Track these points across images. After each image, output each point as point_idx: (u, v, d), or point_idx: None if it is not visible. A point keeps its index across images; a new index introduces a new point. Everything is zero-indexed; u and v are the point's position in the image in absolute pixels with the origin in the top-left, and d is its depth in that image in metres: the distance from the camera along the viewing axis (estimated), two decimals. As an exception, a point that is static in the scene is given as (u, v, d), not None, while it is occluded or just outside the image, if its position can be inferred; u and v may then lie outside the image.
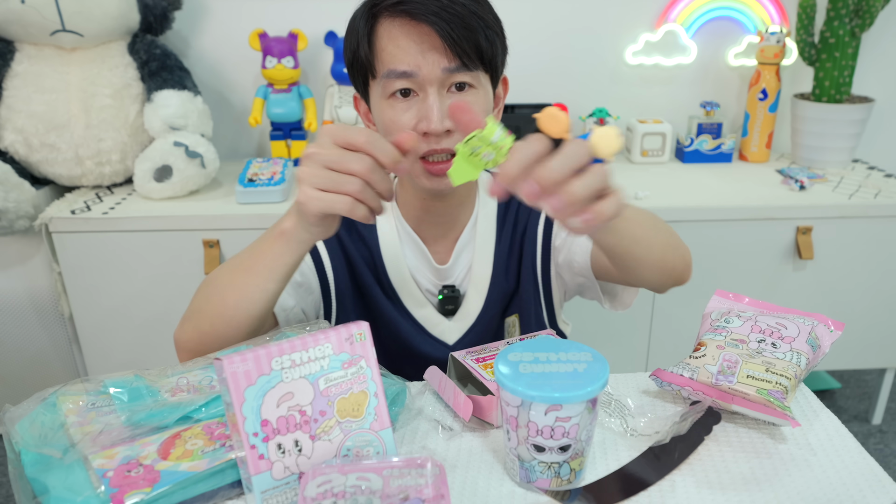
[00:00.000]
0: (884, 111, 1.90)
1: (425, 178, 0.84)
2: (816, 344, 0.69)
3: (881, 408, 1.87)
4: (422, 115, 0.79)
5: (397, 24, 0.78)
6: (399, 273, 0.92)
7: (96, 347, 1.57)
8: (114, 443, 0.57)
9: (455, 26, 0.76)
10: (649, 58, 1.84)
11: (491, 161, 0.57)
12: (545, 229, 0.94)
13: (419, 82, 0.79)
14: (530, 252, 0.94)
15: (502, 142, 0.56)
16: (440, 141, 0.81)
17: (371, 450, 0.59)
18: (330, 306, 0.92)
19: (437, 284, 0.94)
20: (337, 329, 0.57)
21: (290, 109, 1.73)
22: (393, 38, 0.78)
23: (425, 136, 0.80)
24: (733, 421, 0.67)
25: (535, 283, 0.94)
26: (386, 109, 0.81)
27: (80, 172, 1.56)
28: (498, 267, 0.93)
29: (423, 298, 0.93)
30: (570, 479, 0.58)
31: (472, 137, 0.57)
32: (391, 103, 0.81)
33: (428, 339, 0.93)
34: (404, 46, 0.78)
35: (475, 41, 0.78)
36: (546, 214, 0.94)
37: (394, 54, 0.78)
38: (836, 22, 1.69)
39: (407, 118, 0.80)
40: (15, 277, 1.55)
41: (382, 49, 0.79)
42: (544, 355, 0.58)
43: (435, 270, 0.93)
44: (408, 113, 0.80)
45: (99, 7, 1.48)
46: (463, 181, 0.60)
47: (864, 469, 0.60)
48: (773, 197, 1.59)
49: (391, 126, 0.81)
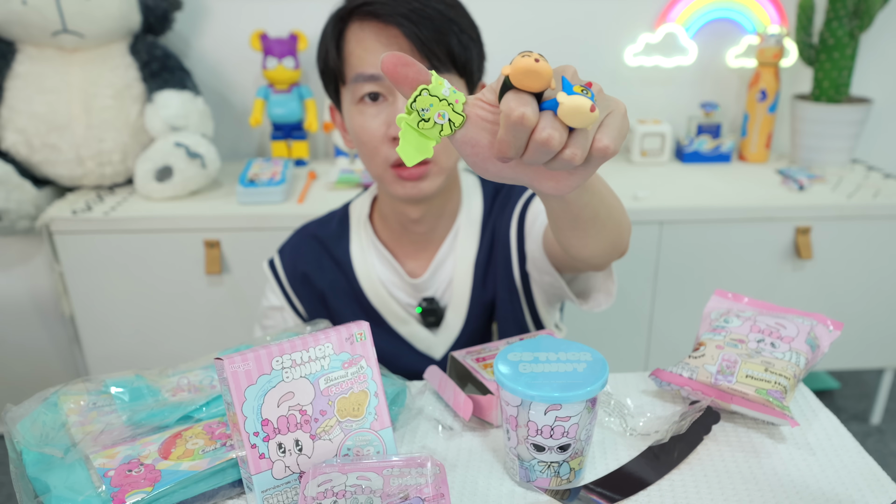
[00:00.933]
0: (883, 112, 1.90)
1: (398, 185, 0.82)
2: (815, 344, 0.70)
3: (880, 408, 1.87)
4: (391, 119, 0.78)
5: (366, 27, 0.77)
6: (376, 292, 0.91)
7: (97, 347, 1.57)
8: (115, 442, 0.57)
9: (424, 28, 0.75)
10: (649, 58, 1.84)
11: (447, 124, 0.46)
12: (518, 228, 0.90)
13: (388, 86, 0.77)
14: (504, 256, 0.91)
15: (455, 95, 0.45)
16: None
17: (371, 449, 0.59)
18: None
19: (417, 297, 0.92)
20: (337, 329, 0.58)
21: (290, 110, 1.73)
22: (361, 41, 0.77)
23: (395, 140, 0.78)
24: (732, 420, 0.67)
25: (513, 287, 0.91)
26: (356, 115, 0.80)
27: (81, 173, 1.57)
28: (478, 276, 0.91)
29: (405, 315, 0.92)
30: (569, 478, 0.58)
31: (419, 96, 0.45)
32: (360, 109, 0.79)
33: (414, 355, 0.92)
34: (372, 49, 0.77)
35: (446, 44, 0.76)
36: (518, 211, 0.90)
37: (361, 57, 0.77)
38: (835, 23, 1.69)
39: (376, 123, 0.79)
40: (16, 278, 1.55)
41: (351, 53, 0.78)
42: (544, 355, 0.59)
43: (409, 285, 0.91)
44: (377, 118, 0.79)
45: (100, 8, 1.49)
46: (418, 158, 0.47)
47: (862, 469, 0.60)
48: (773, 197, 1.59)
49: (361, 133, 0.80)
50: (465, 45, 0.78)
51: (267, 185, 1.53)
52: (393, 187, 0.82)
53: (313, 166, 1.80)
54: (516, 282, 0.91)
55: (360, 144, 0.81)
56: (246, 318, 1.56)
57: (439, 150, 0.81)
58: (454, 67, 0.79)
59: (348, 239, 0.93)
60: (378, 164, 0.82)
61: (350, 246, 0.93)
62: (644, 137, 1.80)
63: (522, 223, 0.90)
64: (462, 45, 0.78)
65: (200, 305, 1.54)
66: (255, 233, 1.49)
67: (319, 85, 1.81)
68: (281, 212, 1.49)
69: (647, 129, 1.80)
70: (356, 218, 0.95)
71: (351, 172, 1.69)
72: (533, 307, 0.93)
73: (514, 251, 0.90)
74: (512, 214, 0.91)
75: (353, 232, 0.94)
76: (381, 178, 0.83)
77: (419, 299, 0.92)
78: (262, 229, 1.49)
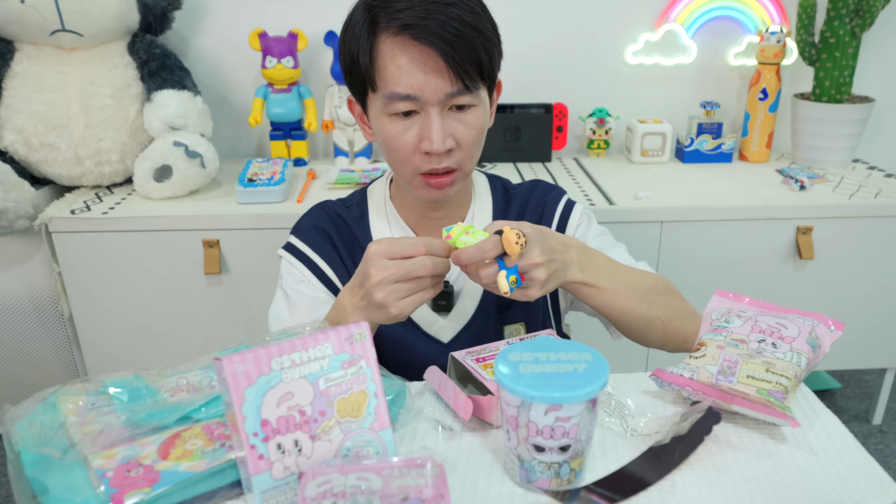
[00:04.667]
0: (884, 111, 1.89)
1: (424, 189, 0.85)
2: (816, 344, 0.69)
3: (881, 408, 1.87)
4: (423, 134, 0.80)
5: (399, 42, 0.77)
6: None
7: (96, 347, 1.57)
8: (113, 443, 0.57)
9: (457, 47, 0.76)
10: (649, 57, 1.84)
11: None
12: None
13: (421, 104, 0.79)
14: None
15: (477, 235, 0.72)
16: (441, 159, 0.82)
17: (371, 450, 0.59)
18: None
19: None
20: (337, 329, 0.57)
21: (289, 109, 1.73)
22: (394, 57, 0.78)
23: (427, 154, 0.81)
24: (733, 421, 0.67)
25: None
26: (387, 124, 0.82)
27: (80, 172, 1.56)
28: None
29: None
30: (570, 479, 0.58)
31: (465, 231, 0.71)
32: (392, 120, 0.81)
33: (422, 337, 0.92)
34: (406, 69, 0.78)
35: (477, 60, 0.78)
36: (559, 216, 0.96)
37: (396, 76, 0.78)
38: (837, 22, 1.69)
39: (409, 136, 0.81)
40: (15, 277, 1.55)
41: (384, 67, 0.79)
42: (544, 355, 0.58)
43: None
44: (409, 132, 0.81)
45: (99, 7, 1.48)
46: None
47: (864, 469, 0.60)
48: (774, 197, 1.58)
49: (393, 142, 0.82)
50: (490, 53, 0.80)
51: (266, 184, 1.53)
52: (419, 191, 0.86)
53: (312, 166, 1.79)
54: None
55: (391, 151, 0.84)
56: (245, 318, 1.56)
57: (464, 158, 0.84)
58: (481, 79, 0.81)
59: (368, 220, 0.95)
60: (407, 171, 0.85)
61: (370, 225, 0.95)
62: (644, 137, 1.80)
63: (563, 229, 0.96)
64: (488, 55, 0.80)
65: (199, 305, 1.54)
66: (255, 233, 1.49)
67: (319, 84, 1.82)
68: (280, 211, 1.48)
69: (648, 128, 1.80)
70: (376, 199, 0.96)
71: (350, 172, 1.69)
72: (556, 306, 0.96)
73: None
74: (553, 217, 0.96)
75: (373, 212, 0.96)
76: (409, 182, 0.86)
77: None
78: (262, 229, 1.48)
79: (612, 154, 1.93)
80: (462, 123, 0.82)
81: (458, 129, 0.82)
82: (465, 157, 0.84)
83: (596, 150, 1.90)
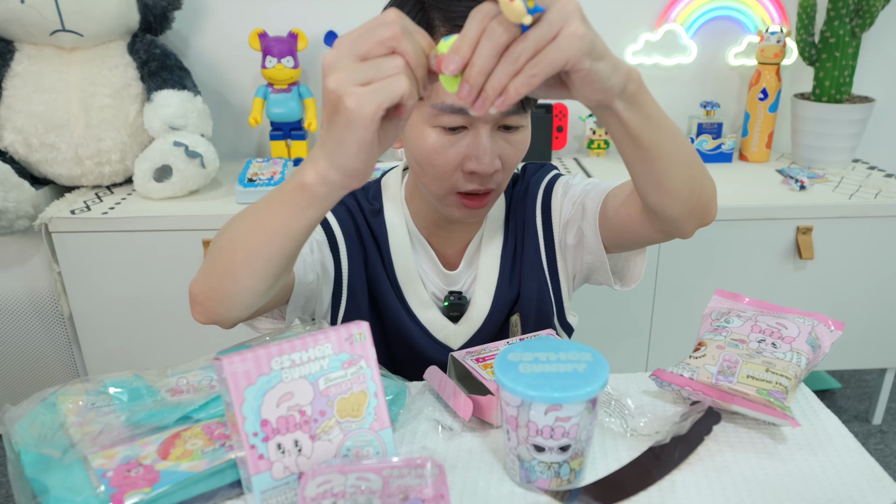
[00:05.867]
0: (884, 111, 1.90)
1: (456, 209, 0.81)
2: (816, 344, 0.69)
3: (881, 408, 1.87)
4: (471, 152, 0.75)
5: None
6: (407, 273, 0.90)
7: (96, 347, 1.57)
8: (113, 443, 0.57)
9: None
10: (649, 57, 1.84)
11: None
12: (543, 217, 0.91)
13: (471, 119, 0.74)
14: (532, 246, 0.91)
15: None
16: (485, 181, 0.78)
17: (371, 450, 0.59)
18: (340, 297, 0.89)
19: (444, 290, 0.92)
20: (337, 329, 0.57)
21: (289, 109, 1.73)
22: None
23: (471, 174, 0.77)
24: (733, 421, 0.67)
25: (542, 277, 0.91)
26: (430, 137, 0.76)
27: (80, 172, 1.56)
28: (504, 271, 0.91)
29: (428, 300, 0.91)
30: (570, 479, 0.58)
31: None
32: (437, 132, 0.76)
33: (432, 343, 0.91)
34: None
35: None
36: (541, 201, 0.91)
37: None
38: (837, 22, 1.69)
39: (451, 153, 0.76)
40: (15, 277, 1.55)
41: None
42: (544, 355, 0.58)
43: (443, 276, 0.92)
44: (454, 147, 0.76)
45: (99, 7, 1.48)
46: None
47: (864, 469, 0.60)
48: (774, 197, 1.58)
49: (433, 156, 0.77)
50: None
51: (266, 184, 1.53)
52: (451, 209, 0.82)
53: (313, 166, 1.79)
54: (545, 270, 0.92)
55: (429, 165, 0.78)
56: (245, 317, 1.56)
57: (504, 178, 0.80)
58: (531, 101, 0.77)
59: (384, 216, 0.91)
60: (443, 188, 0.80)
61: (386, 221, 0.91)
62: (644, 137, 1.80)
63: (548, 212, 0.91)
64: None
65: (200, 305, 1.54)
66: (255, 232, 1.49)
67: (319, 84, 1.82)
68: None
69: (648, 128, 1.80)
70: (391, 195, 0.92)
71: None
72: (558, 292, 0.93)
73: (541, 240, 0.91)
74: (535, 205, 0.92)
75: (389, 207, 0.91)
76: (441, 199, 0.82)
77: (446, 292, 0.92)
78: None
79: (612, 154, 1.93)
80: (510, 144, 0.78)
81: (505, 149, 0.77)
82: (505, 178, 0.80)
83: (596, 149, 1.90)
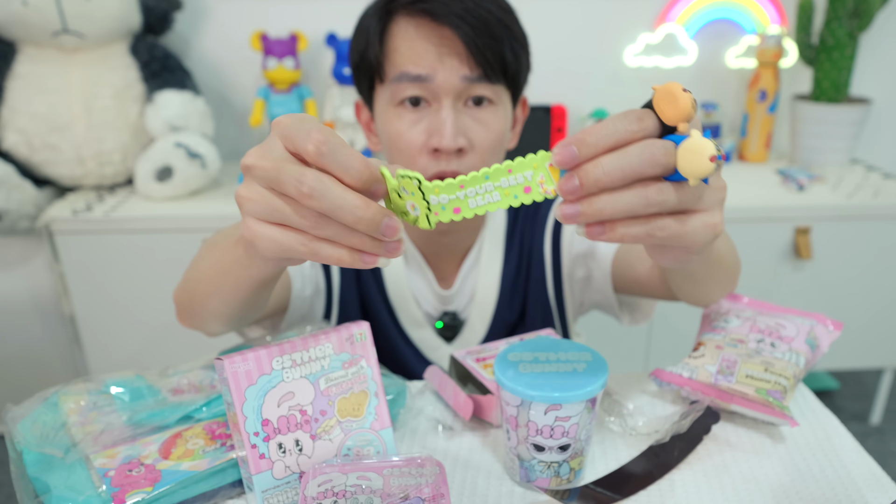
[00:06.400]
0: (882, 112, 1.90)
1: None
2: (815, 344, 0.70)
3: (880, 408, 1.87)
4: (433, 128, 0.71)
5: (414, 23, 0.71)
6: (399, 290, 0.86)
7: (98, 347, 1.57)
8: (115, 442, 0.57)
9: (480, 33, 0.69)
10: (649, 59, 1.84)
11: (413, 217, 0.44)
12: (553, 245, 0.87)
13: (433, 90, 0.71)
14: (538, 274, 0.87)
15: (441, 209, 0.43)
16: (451, 161, 0.72)
17: (371, 449, 0.59)
18: (331, 313, 0.87)
19: (439, 309, 0.88)
20: (338, 329, 0.58)
21: (290, 110, 1.73)
22: (408, 38, 0.71)
23: (435, 153, 0.72)
24: (732, 420, 0.67)
25: (547, 307, 0.87)
26: (393, 119, 0.73)
27: (82, 173, 1.57)
28: (504, 292, 0.87)
29: (421, 319, 0.87)
30: (569, 478, 0.58)
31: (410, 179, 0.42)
32: (399, 112, 0.73)
33: (424, 364, 0.87)
34: (420, 48, 0.70)
35: (500, 52, 0.71)
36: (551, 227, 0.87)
37: (407, 56, 0.70)
38: (835, 23, 1.69)
39: (415, 132, 0.72)
40: (17, 278, 1.56)
41: (395, 49, 0.71)
42: (544, 355, 0.59)
43: (438, 295, 0.88)
44: (416, 126, 0.72)
45: (100, 8, 1.49)
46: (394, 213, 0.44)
47: (862, 469, 0.60)
48: (772, 197, 1.59)
49: (397, 139, 0.73)
50: (517, 54, 0.73)
51: (267, 185, 1.53)
52: None
53: (313, 166, 1.80)
54: (550, 299, 0.88)
55: (395, 151, 0.75)
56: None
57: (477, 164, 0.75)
58: (504, 78, 0.73)
59: None
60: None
61: None
62: (644, 138, 1.80)
63: (558, 240, 0.87)
64: (514, 55, 0.73)
65: (200, 305, 1.54)
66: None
67: (319, 85, 1.82)
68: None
69: (647, 129, 1.80)
70: None
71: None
72: (564, 319, 0.90)
73: (548, 268, 0.87)
74: (544, 230, 0.88)
75: None
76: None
77: (441, 311, 0.88)
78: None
79: (611, 155, 1.93)
80: (478, 122, 0.73)
81: (472, 127, 0.73)
82: (478, 164, 0.73)
83: (596, 150, 1.90)
